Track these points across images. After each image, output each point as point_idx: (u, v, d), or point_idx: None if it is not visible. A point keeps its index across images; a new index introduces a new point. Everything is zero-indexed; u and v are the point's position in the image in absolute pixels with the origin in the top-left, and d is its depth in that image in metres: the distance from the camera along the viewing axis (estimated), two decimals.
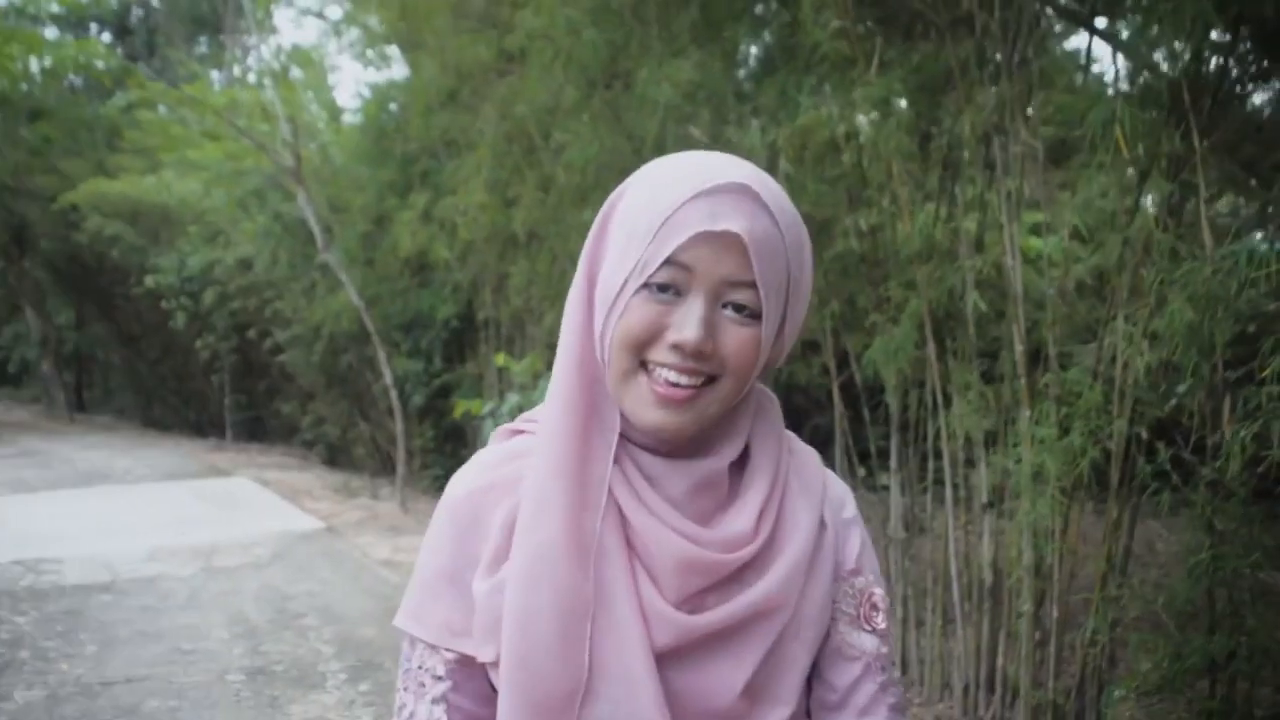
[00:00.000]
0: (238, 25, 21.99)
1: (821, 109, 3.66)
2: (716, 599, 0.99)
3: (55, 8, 19.23)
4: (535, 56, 4.86)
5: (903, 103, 3.59)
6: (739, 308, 0.94)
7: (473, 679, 1.04)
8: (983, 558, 4.00)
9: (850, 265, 4.45)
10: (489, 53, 5.92)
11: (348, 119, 12.06)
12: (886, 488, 4.59)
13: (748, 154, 3.90)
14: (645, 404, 0.95)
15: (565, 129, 5.29)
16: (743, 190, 0.93)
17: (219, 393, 14.35)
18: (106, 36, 22.81)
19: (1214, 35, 3.12)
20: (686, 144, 4.82)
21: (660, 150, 4.68)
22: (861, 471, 5.08)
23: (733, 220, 0.91)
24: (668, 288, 0.93)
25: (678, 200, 0.92)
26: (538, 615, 0.95)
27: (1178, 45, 3.26)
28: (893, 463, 4.50)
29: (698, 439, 1.00)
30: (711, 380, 0.95)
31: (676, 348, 0.93)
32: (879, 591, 1.09)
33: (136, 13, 23.82)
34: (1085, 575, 3.77)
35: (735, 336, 0.94)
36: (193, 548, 7.03)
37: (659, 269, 0.92)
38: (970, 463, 4.06)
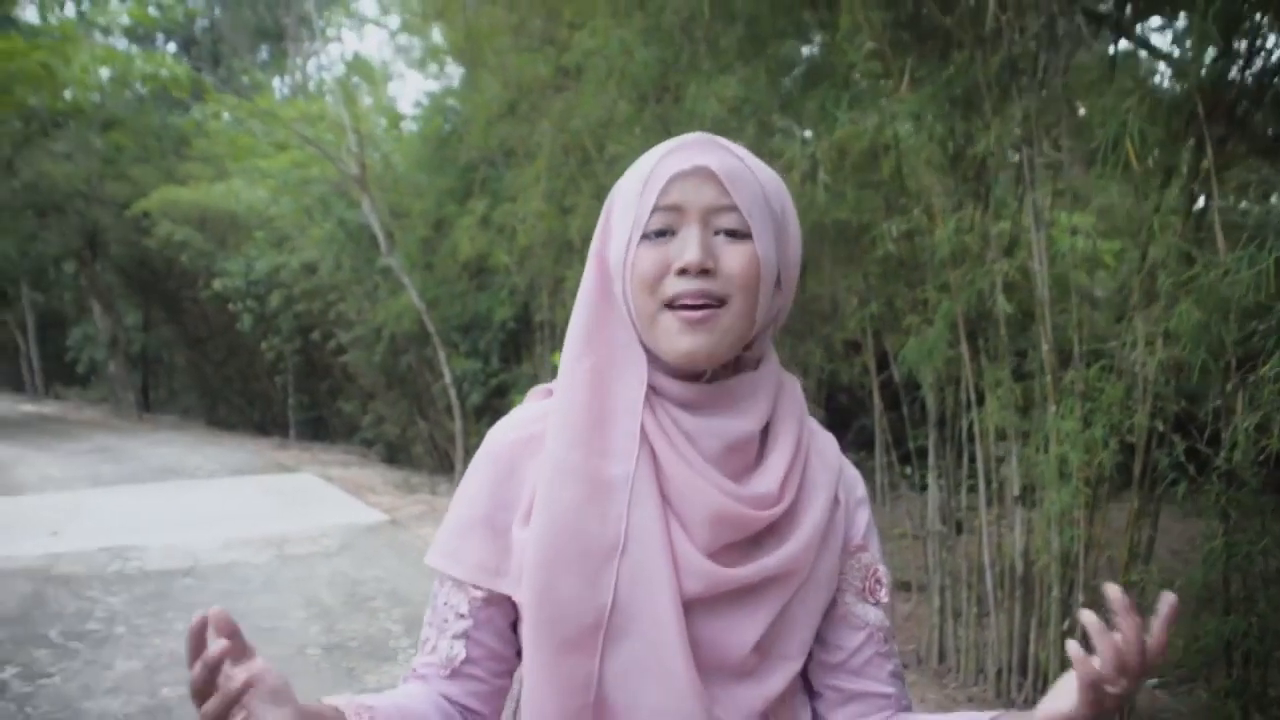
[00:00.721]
0: (300, 34, 22.53)
1: (859, 123, 3.88)
2: (741, 557, 1.06)
3: (125, 20, 19.69)
4: (590, 73, 5.12)
5: (936, 115, 3.80)
6: (730, 232, 1.04)
7: (493, 619, 1.12)
8: (1014, 549, 4.15)
9: (890, 269, 4.66)
10: (547, 69, 6.19)
11: (407, 125, 12.43)
12: (927, 488, 4.77)
13: (789, 164, 4.14)
14: (672, 335, 1.04)
15: (618, 141, 5.55)
16: (705, 139, 1.08)
17: (282, 393, 14.67)
18: (172, 47, 23.39)
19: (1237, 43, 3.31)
20: None
21: None
22: (907, 469, 5.22)
23: (701, 158, 1.05)
24: (664, 231, 1.05)
25: (654, 161, 1.07)
26: (559, 562, 1.03)
27: (1204, 51, 3.44)
28: (930, 459, 4.67)
29: (726, 397, 1.09)
30: (724, 302, 1.04)
31: (684, 272, 1.03)
32: (883, 568, 1.17)
33: (201, 24, 24.41)
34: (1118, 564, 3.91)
35: (732, 254, 1.04)
36: (265, 537, 7.39)
37: (652, 217, 1.04)
38: (1002, 458, 4.20)
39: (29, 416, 18.99)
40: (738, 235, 1.04)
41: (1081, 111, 4.20)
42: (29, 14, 15.73)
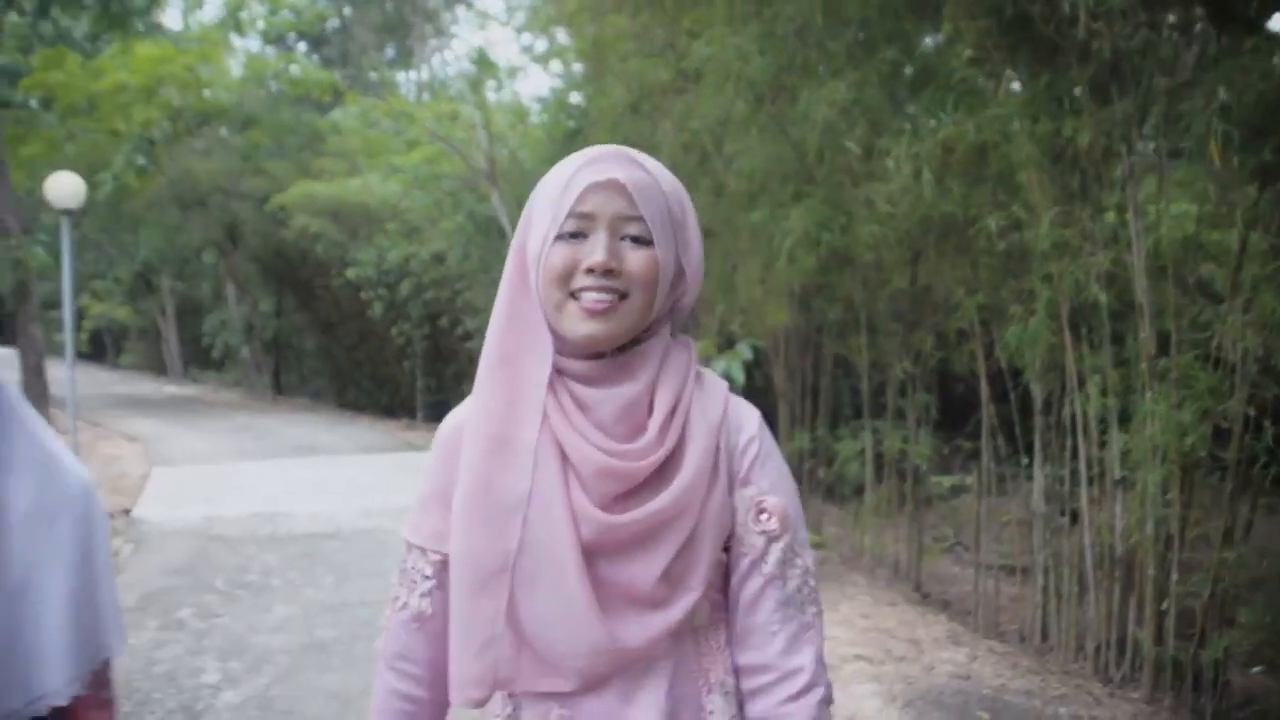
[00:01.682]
0: (425, 31, 23.20)
1: (962, 124, 4.08)
2: (634, 503, 1.19)
3: (260, 24, 20.42)
4: (709, 76, 5.38)
5: (1036, 117, 3.97)
6: (635, 239, 1.19)
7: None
8: (1114, 531, 4.27)
9: (995, 261, 4.84)
10: (668, 73, 6.47)
11: (532, 119, 12.86)
12: (1033, 477, 4.88)
13: (895, 163, 4.36)
14: (576, 320, 1.19)
15: (735, 140, 5.82)
16: (619, 153, 1.23)
17: (410, 377, 15.18)
18: (303, 46, 24.25)
19: None
20: (842, 154, 5.30)
21: (820, 160, 5.19)
22: (1023, 460, 5.29)
23: (614, 172, 1.19)
24: (577, 234, 1.19)
25: (573, 170, 1.22)
26: (473, 515, 1.21)
27: None
28: (1035, 444, 4.81)
29: (622, 368, 1.23)
30: (625, 296, 1.19)
31: (590, 270, 1.18)
32: (770, 499, 1.26)
33: (331, 23, 25.26)
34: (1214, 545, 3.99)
35: (635, 257, 1.19)
36: (401, 508, 7.80)
37: (567, 220, 1.19)
38: (1104, 443, 4.32)
39: (173, 398, 20.07)
40: (641, 241, 1.20)
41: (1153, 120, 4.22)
42: (171, 19, 16.50)
